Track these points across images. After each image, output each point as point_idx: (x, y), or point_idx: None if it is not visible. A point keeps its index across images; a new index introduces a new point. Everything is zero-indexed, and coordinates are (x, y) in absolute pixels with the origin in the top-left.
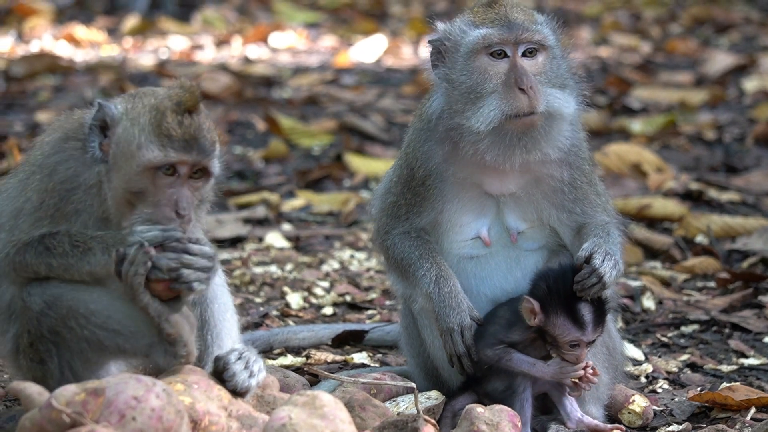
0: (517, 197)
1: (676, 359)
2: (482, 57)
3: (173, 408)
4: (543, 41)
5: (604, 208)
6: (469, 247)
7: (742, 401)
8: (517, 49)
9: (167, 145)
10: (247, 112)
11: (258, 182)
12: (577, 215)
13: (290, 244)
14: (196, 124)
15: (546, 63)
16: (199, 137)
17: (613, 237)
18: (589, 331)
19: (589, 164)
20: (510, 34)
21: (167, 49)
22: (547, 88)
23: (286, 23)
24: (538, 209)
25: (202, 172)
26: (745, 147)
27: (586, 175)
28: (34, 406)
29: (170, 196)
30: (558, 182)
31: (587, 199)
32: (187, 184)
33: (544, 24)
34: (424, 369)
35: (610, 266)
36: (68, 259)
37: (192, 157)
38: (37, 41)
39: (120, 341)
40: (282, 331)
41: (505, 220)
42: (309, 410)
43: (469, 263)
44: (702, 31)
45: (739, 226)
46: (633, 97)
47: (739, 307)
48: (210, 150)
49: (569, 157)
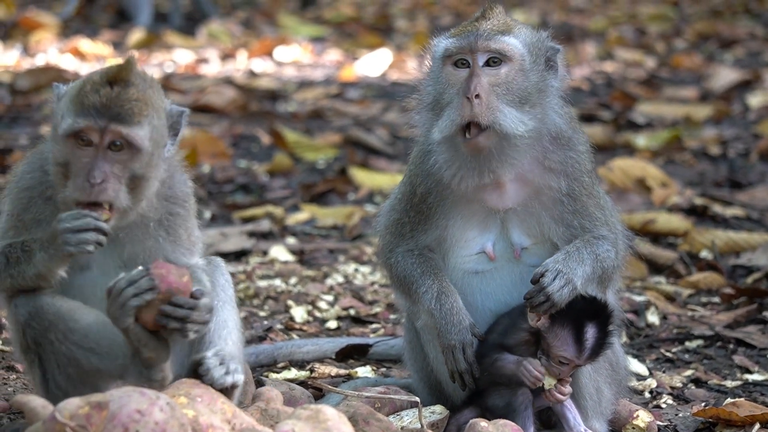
0: (520, 212)
1: (680, 374)
2: (447, 67)
3: (177, 421)
4: (504, 51)
5: (606, 222)
6: (474, 262)
7: (746, 417)
8: (477, 58)
9: (79, 112)
10: (252, 126)
11: (262, 196)
12: (575, 229)
13: (294, 257)
14: (116, 93)
15: (508, 75)
16: (113, 105)
17: (584, 253)
18: (584, 356)
19: (589, 176)
20: (467, 42)
21: (172, 62)
22: (502, 103)
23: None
24: (540, 223)
25: (125, 144)
26: (749, 162)
27: (586, 187)
28: (37, 419)
29: (85, 165)
30: (557, 193)
31: (586, 212)
32: (106, 155)
33: (517, 36)
34: (427, 383)
35: (558, 285)
36: (20, 266)
37: (100, 123)
38: (43, 55)
39: (94, 360)
40: (286, 345)
41: (510, 236)
42: (313, 424)
43: (474, 278)
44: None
45: (744, 242)
46: (638, 112)
47: (743, 322)
48: (125, 118)
49: (566, 168)
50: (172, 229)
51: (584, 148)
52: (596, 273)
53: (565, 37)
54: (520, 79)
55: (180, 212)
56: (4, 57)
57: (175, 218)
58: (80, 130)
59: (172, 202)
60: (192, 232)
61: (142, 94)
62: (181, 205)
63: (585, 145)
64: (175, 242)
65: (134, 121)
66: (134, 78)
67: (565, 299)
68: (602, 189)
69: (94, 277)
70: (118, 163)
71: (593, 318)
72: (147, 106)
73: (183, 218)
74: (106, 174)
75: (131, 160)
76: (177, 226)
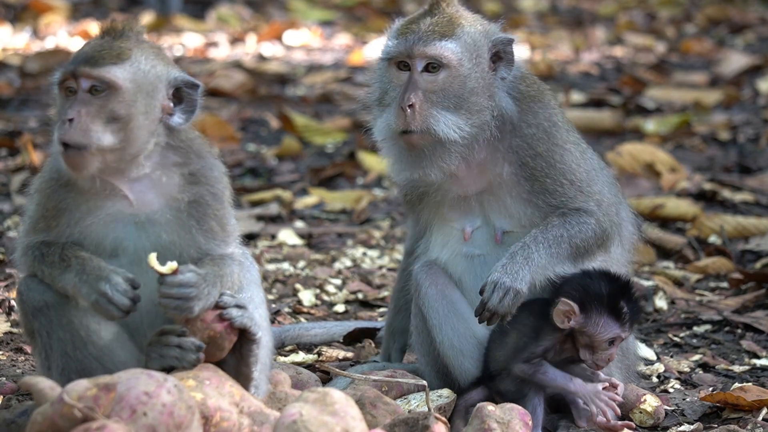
0: (490, 197)
1: (688, 359)
2: (392, 67)
3: (184, 404)
4: (441, 58)
5: (580, 191)
6: (463, 245)
7: (753, 402)
8: (416, 64)
9: (66, 63)
10: (260, 110)
11: (271, 180)
12: (543, 208)
13: (303, 241)
14: (96, 42)
15: (446, 81)
16: (88, 50)
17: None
18: (627, 327)
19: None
20: (405, 47)
21: (182, 46)
22: (438, 109)
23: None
24: (507, 206)
25: (104, 86)
26: (759, 147)
27: (540, 168)
28: (45, 400)
29: (66, 109)
30: (513, 176)
31: (548, 190)
32: (84, 98)
33: (458, 39)
34: (435, 367)
35: (498, 297)
36: (53, 270)
37: (71, 66)
38: (53, 38)
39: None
40: (294, 328)
41: (491, 220)
42: (320, 407)
43: (463, 261)
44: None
45: (753, 227)
46: (647, 97)
47: (751, 307)
48: (97, 61)
49: (515, 154)
50: (203, 220)
51: (533, 131)
52: (561, 255)
53: (574, 22)
54: (458, 84)
55: (209, 200)
56: (14, 40)
57: (204, 207)
58: (63, 78)
59: (198, 183)
60: (226, 223)
61: (125, 42)
62: (209, 188)
63: (536, 126)
64: (206, 234)
65: (106, 63)
66: (127, 31)
67: (510, 308)
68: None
69: (123, 264)
70: (97, 104)
71: (618, 289)
72: (129, 51)
73: (213, 208)
74: (79, 113)
75: (110, 101)
76: (208, 216)
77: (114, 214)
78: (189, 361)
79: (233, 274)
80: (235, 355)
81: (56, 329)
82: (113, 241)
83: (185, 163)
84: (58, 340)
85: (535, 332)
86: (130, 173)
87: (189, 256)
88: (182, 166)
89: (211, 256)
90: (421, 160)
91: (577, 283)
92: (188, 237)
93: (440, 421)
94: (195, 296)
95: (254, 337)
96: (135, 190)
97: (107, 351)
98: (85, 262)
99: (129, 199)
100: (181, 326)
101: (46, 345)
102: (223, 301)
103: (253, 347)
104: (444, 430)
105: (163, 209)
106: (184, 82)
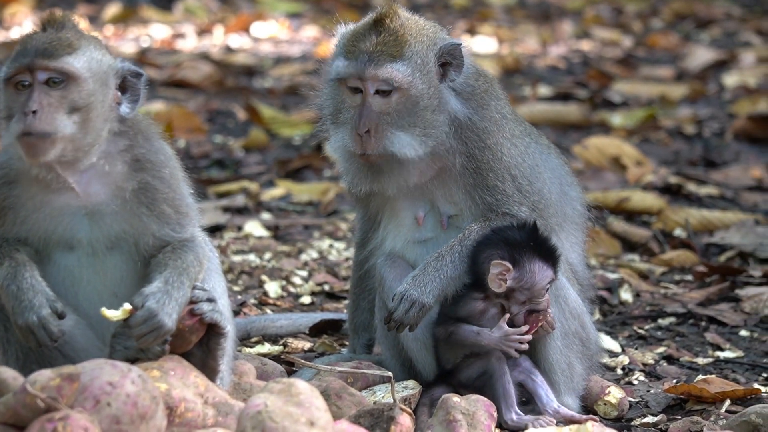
0: (438, 184)
1: (652, 351)
2: (343, 87)
3: (149, 394)
4: (392, 81)
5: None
6: (416, 231)
7: (717, 393)
8: (368, 87)
9: (12, 59)
10: (228, 102)
11: (238, 171)
12: (481, 205)
13: (269, 233)
14: (43, 35)
15: (399, 103)
16: (39, 43)
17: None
18: (557, 265)
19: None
20: (356, 70)
21: (149, 37)
22: (393, 130)
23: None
24: (452, 194)
25: (63, 77)
26: (724, 142)
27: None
28: (8, 390)
29: (25, 102)
30: (460, 167)
31: (488, 186)
32: (42, 89)
33: (406, 60)
34: (399, 360)
35: (404, 309)
36: None
37: (27, 60)
38: (18, 28)
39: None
40: (259, 319)
41: (437, 205)
42: (285, 398)
43: (417, 247)
44: (683, 26)
45: (717, 220)
46: (614, 91)
47: (715, 300)
48: (51, 52)
49: (463, 146)
50: (153, 205)
51: (485, 124)
52: None
53: (542, 16)
54: (411, 104)
55: (156, 185)
56: None
57: (152, 192)
58: (12, 74)
59: (143, 170)
60: (179, 205)
61: (72, 33)
62: (155, 173)
63: (489, 119)
64: (160, 219)
65: (61, 54)
66: (67, 22)
67: (416, 319)
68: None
69: (80, 257)
70: (56, 95)
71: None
72: (79, 41)
73: (162, 192)
74: (41, 104)
75: (70, 91)
76: (157, 201)
77: (62, 207)
78: (154, 353)
79: (195, 262)
80: (202, 348)
81: None
82: (65, 234)
83: (131, 146)
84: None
85: (454, 301)
86: (81, 164)
87: (145, 243)
88: (127, 152)
89: (172, 245)
90: (380, 175)
91: (495, 243)
92: (140, 225)
93: (405, 412)
94: (164, 319)
95: (223, 331)
96: (81, 181)
97: (67, 339)
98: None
99: (76, 191)
100: None
101: (3, 338)
102: (196, 295)
103: (221, 341)
104: (409, 421)
105: (110, 199)
106: (129, 72)
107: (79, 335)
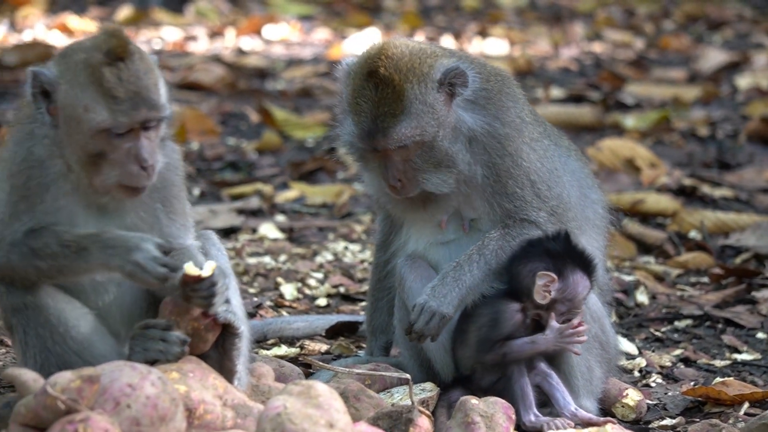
0: (463, 192)
1: (669, 354)
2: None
3: (168, 396)
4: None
5: (536, 197)
6: (437, 233)
7: (735, 396)
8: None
9: (114, 107)
10: (240, 104)
11: (251, 173)
12: (499, 211)
13: (284, 235)
14: (135, 75)
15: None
16: (143, 91)
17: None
18: (594, 278)
19: (514, 156)
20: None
21: (160, 40)
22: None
23: (280, 15)
24: (473, 200)
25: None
26: (737, 143)
27: (508, 166)
28: (29, 392)
29: (129, 151)
30: (484, 178)
31: (506, 192)
32: (143, 135)
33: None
34: (417, 361)
35: (424, 321)
36: (57, 261)
37: (142, 115)
38: (30, 31)
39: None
40: (276, 321)
41: (459, 211)
42: (304, 400)
43: (440, 248)
44: (695, 28)
45: (732, 222)
46: (626, 93)
47: (732, 302)
48: (158, 100)
49: (484, 157)
50: (168, 201)
51: (507, 130)
52: (498, 270)
53: (553, 18)
54: (428, 147)
55: (174, 180)
56: None
57: (169, 188)
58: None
59: (165, 168)
60: (185, 205)
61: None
62: (173, 171)
63: (509, 125)
64: (170, 216)
65: (162, 99)
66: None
67: (437, 330)
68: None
69: None
70: (153, 138)
71: (568, 243)
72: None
73: (177, 188)
74: (151, 154)
75: (159, 129)
76: (172, 197)
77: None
78: (173, 354)
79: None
80: (218, 349)
81: (34, 327)
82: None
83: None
84: (36, 337)
85: (493, 324)
86: None
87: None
88: None
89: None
90: (414, 200)
91: (538, 255)
92: (152, 219)
93: (424, 414)
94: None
95: (237, 331)
96: None
97: (87, 344)
98: (99, 237)
99: None
100: (165, 320)
101: (22, 341)
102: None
103: (235, 341)
104: (427, 423)
105: None
106: None
107: (99, 341)
